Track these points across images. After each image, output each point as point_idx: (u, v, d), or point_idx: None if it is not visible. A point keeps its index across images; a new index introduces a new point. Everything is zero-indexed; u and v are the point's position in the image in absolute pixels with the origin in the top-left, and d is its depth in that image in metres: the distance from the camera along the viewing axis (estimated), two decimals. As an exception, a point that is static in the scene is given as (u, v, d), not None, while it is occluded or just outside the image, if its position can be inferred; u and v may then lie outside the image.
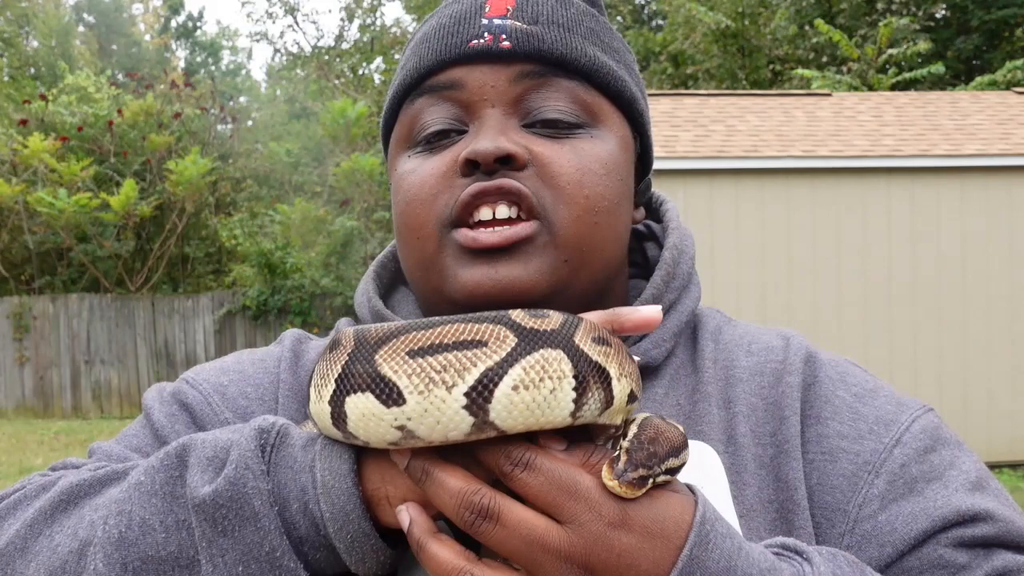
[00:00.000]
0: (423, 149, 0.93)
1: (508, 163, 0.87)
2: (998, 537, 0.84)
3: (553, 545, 0.64)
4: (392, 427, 0.65)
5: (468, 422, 0.64)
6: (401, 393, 0.64)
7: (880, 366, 9.33)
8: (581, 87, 0.92)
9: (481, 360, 0.65)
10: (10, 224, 15.43)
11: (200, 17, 45.07)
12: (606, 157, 0.91)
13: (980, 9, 17.92)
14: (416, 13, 24.72)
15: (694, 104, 11.43)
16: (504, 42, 0.90)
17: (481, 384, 0.64)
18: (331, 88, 23.82)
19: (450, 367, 0.65)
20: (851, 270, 9.63)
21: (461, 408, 0.64)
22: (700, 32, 18.68)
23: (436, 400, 0.64)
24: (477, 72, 0.90)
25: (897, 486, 0.86)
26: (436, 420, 0.64)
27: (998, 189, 9.73)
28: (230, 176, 17.84)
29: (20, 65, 25.42)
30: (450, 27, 0.93)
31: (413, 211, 0.91)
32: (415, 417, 0.64)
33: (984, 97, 12.08)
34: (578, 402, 0.66)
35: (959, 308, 9.67)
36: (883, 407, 0.92)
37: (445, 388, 0.64)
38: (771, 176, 9.69)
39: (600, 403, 0.68)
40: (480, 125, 0.90)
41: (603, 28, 0.98)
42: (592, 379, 0.67)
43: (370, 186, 15.30)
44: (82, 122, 16.22)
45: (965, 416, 9.41)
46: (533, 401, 0.64)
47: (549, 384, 0.65)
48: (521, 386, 0.64)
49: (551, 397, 0.65)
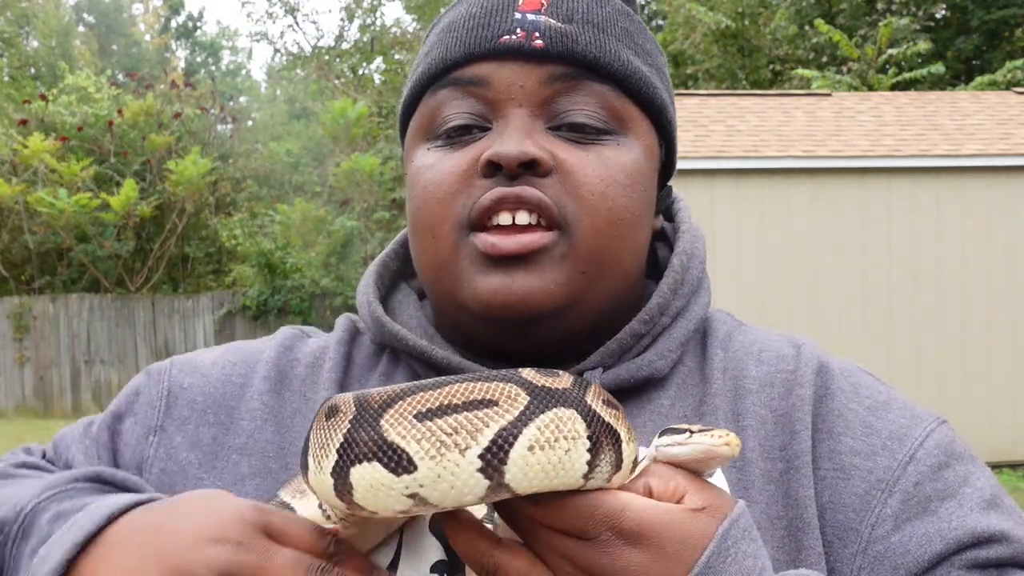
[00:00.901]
0: (443, 143, 0.89)
1: (532, 168, 0.84)
2: (1013, 558, 0.83)
3: (586, 564, 0.66)
4: (403, 495, 0.62)
5: (483, 485, 0.61)
6: (411, 459, 0.61)
7: (880, 366, 9.32)
8: (612, 92, 0.89)
9: (494, 420, 0.62)
10: (10, 224, 15.43)
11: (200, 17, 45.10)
12: (631, 167, 0.89)
13: (980, 9, 17.92)
14: (416, 13, 24.72)
15: (694, 104, 11.42)
16: (537, 40, 0.86)
17: (496, 445, 0.62)
18: (331, 88, 23.82)
19: (462, 429, 0.62)
20: (851, 270, 9.63)
21: (476, 471, 0.61)
22: (700, 32, 18.68)
23: (450, 464, 0.61)
24: (506, 69, 0.87)
25: (911, 505, 0.84)
26: (450, 485, 0.61)
27: (998, 189, 9.73)
28: (230, 176, 17.84)
29: (20, 65, 25.42)
30: (481, 18, 0.89)
31: (430, 209, 0.88)
32: (428, 483, 0.61)
33: (984, 97, 12.08)
34: (591, 464, 0.64)
35: (959, 308, 9.67)
36: (896, 420, 0.90)
37: (458, 451, 0.61)
38: (771, 176, 9.70)
39: (611, 466, 0.66)
40: (505, 125, 0.86)
41: (637, 28, 0.94)
42: (605, 440, 0.65)
43: (370, 186, 15.31)
44: (82, 122, 16.22)
45: (965, 416, 9.41)
46: (548, 462, 0.62)
47: (564, 444, 0.63)
48: (537, 446, 0.62)
49: (566, 458, 0.63)
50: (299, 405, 0.96)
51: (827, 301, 9.54)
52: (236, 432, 0.95)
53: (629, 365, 0.92)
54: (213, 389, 0.98)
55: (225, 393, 0.97)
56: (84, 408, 14.83)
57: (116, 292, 15.55)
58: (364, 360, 1.00)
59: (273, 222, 16.07)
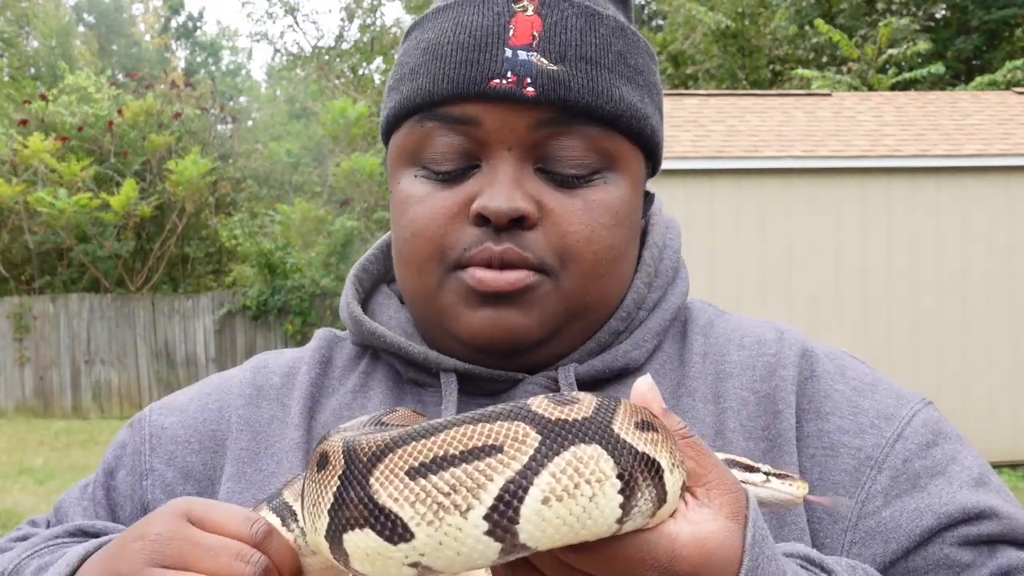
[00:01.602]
0: (432, 177, 0.90)
1: (519, 223, 0.86)
2: (1002, 535, 0.84)
3: None
4: (405, 565, 0.55)
5: (495, 549, 0.54)
6: (407, 526, 0.54)
7: (880, 366, 9.27)
8: (603, 133, 0.88)
9: (498, 472, 0.54)
10: (10, 224, 15.43)
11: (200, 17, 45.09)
12: (616, 205, 0.90)
13: (980, 9, 17.91)
14: (416, 13, 24.71)
15: (694, 104, 11.43)
16: (528, 88, 0.85)
17: (503, 503, 0.53)
18: (331, 88, 23.82)
19: (461, 486, 0.54)
20: (851, 270, 9.63)
21: (483, 535, 0.53)
22: (700, 32, 18.68)
23: (451, 530, 0.53)
24: (497, 112, 0.86)
25: (900, 482, 0.86)
26: (455, 552, 0.54)
27: (998, 189, 9.73)
28: (230, 176, 17.84)
29: (20, 65, 25.42)
30: (470, 51, 0.87)
31: (418, 244, 0.90)
32: (429, 552, 0.54)
33: (984, 97, 12.08)
34: (626, 506, 0.55)
35: (959, 308, 9.67)
36: (883, 400, 0.91)
37: (459, 514, 0.53)
38: (771, 176, 9.70)
39: (652, 503, 0.57)
40: (495, 172, 0.87)
41: (630, 46, 0.93)
42: (641, 475, 0.56)
43: (370, 186, 15.31)
44: (82, 122, 16.22)
45: (965, 416, 9.41)
46: (570, 514, 0.54)
47: (587, 490, 0.54)
48: (553, 497, 0.54)
49: (591, 506, 0.54)
50: (276, 411, 0.99)
51: (827, 301, 9.54)
52: (223, 452, 0.99)
53: (604, 356, 0.94)
54: (193, 420, 1.01)
55: (206, 420, 1.01)
56: (84, 408, 14.83)
57: (116, 292, 15.56)
58: (345, 362, 1.03)
59: (273, 222, 16.07)
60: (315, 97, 24.44)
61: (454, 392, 0.93)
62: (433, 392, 0.96)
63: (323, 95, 23.54)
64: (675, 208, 9.36)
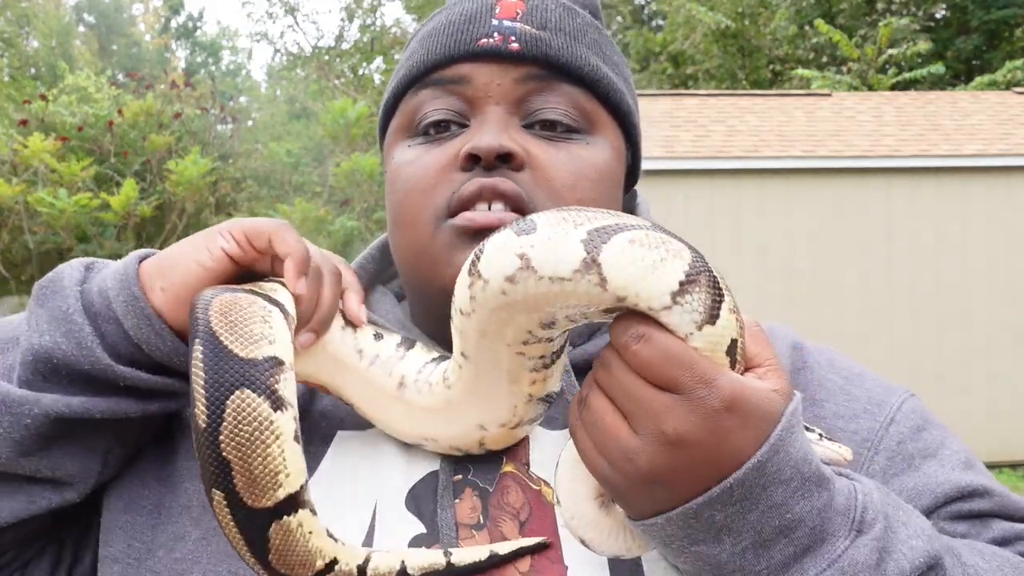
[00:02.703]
0: (423, 140, 0.95)
1: (507, 161, 0.90)
2: (993, 510, 0.89)
3: (668, 417, 0.66)
4: (515, 255, 0.67)
5: (580, 255, 0.65)
6: (536, 225, 0.67)
7: (879, 365, 9.31)
8: (582, 94, 0.95)
9: (612, 220, 0.67)
10: (10, 224, 15.42)
11: (200, 17, 45.07)
12: (600, 164, 0.95)
13: (980, 9, 17.92)
14: (416, 13, 24.72)
15: (694, 104, 11.43)
16: (513, 44, 0.93)
17: (605, 230, 0.66)
18: (331, 88, 23.82)
19: (588, 218, 0.67)
20: (851, 270, 9.63)
21: (579, 242, 0.65)
22: (700, 32, 18.69)
23: (561, 231, 0.66)
24: (484, 69, 0.93)
25: (896, 462, 0.90)
26: (554, 248, 0.66)
27: (998, 189, 9.74)
28: (230, 176, 17.83)
29: (20, 65, 25.42)
30: (460, 24, 0.95)
31: (411, 200, 0.93)
32: (538, 244, 0.66)
33: (984, 97, 12.08)
34: (681, 290, 0.65)
35: (959, 308, 9.67)
36: (873, 389, 0.97)
37: (573, 225, 0.66)
38: (771, 176, 9.70)
39: (702, 310, 0.66)
40: (483, 120, 0.92)
41: (605, 41, 1.01)
42: (704, 282, 0.66)
43: (370, 186, 15.30)
44: (82, 122, 16.21)
45: (965, 415, 9.41)
46: (641, 259, 0.65)
47: (661, 252, 0.65)
48: (637, 242, 0.65)
49: (659, 264, 0.65)
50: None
51: (826, 301, 9.54)
52: None
53: (598, 340, 0.96)
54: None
55: None
56: (84, 408, 14.79)
57: (116, 292, 15.53)
58: None
59: (273, 222, 16.06)
60: (315, 97, 24.43)
61: None
62: None
63: (323, 95, 23.54)
64: (675, 208, 9.37)
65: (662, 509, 0.69)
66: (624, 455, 0.68)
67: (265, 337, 0.74)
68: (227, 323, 0.73)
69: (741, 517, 0.68)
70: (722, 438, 0.66)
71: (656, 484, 0.68)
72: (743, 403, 0.66)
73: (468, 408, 0.83)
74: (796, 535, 0.69)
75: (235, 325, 0.73)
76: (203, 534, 0.87)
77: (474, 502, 0.86)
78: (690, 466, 0.67)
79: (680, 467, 0.67)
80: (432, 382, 0.85)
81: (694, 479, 0.67)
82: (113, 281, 0.84)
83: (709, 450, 0.66)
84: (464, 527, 0.85)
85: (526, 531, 0.84)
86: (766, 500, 0.68)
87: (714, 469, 0.67)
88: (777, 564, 0.69)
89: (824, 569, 0.69)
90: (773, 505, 0.68)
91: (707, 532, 0.68)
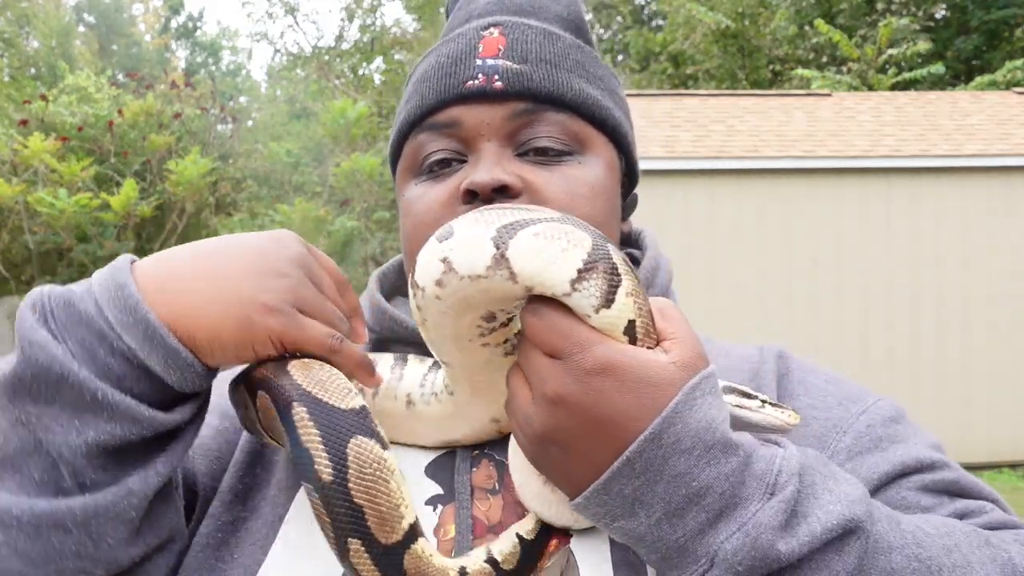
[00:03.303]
0: (427, 177, 1.01)
1: (504, 192, 0.95)
2: (957, 483, 0.92)
3: (549, 378, 0.72)
4: (439, 260, 0.73)
5: (491, 253, 0.71)
6: (454, 230, 0.74)
7: (879, 366, 9.33)
8: (569, 118, 1.00)
9: (523, 215, 0.73)
10: (10, 224, 15.43)
11: (200, 17, 45.08)
12: (593, 181, 1.00)
13: (980, 9, 17.92)
14: (416, 13, 24.72)
15: (694, 104, 11.43)
16: (497, 82, 0.98)
17: (515, 225, 0.72)
18: (331, 88, 23.82)
19: (500, 216, 0.73)
20: (850, 270, 9.63)
21: (489, 239, 0.71)
22: (700, 32, 18.69)
23: (475, 232, 0.72)
24: (474, 111, 0.99)
25: (863, 442, 0.94)
26: (468, 248, 0.72)
27: (998, 189, 9.74)
28: (230, 176, 17.83)
29: (20, 65, 25.42)
30: (447, 67, 1.01)
31: (418, 232, 0.98)
32: (456, 247, 0.73)
33: (984, 97, 12.08)
34: (577, 280, 0.71)
35: (959, 308, 9.67)
36: (851, 389, 1.02)
37: (486, 225, 0.73)
38: (771, 176, 9.70)
39: (599, 295, 0.71)
40: (478, 158, 0.98)
41: (588, 58, 1.05)
42: (601, 268, 0.72)
43: (370, 186, 15.31)
44: (82, 122, 16.21)
45: (964, 415, 9.42)
46: (543, 251, 0.70)
47: (563, 244, 0.71)
48: (541, 235, 0.71)
49: (560, 255, 0.70)
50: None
51: (826, 301, 9.54)
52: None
53: None
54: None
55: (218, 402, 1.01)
56: (84, 408, 14.78)
57: (116, 292, 15.52)
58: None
59: (273, 222, 16.06)
60: (315, 97, 24.43)
61: None
62: None
63: (323, 95, 23.54)
64: (675, 208, 9.37)
65: (575, 485, 0.74)
66: (525, 419, 0.75)
67: (351, 389, 0.79)
68: (314, 383, 0.78)
69: (649, 489, 0.71)
70: (597, 398, 0.71)
71: (552, 445, 0.74)
72: (617, 367, 0.71)
73: (476, 406, 0.88)
74: (706, 502, 0.71)
75: (323, 383, 0.78)
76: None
77: (490, 471, 0.92)
78: (575, 427, 0.72)
79: (564, 426, 0.72)
80: (437, 391, 0.90)
81: (586, 442, 0.72)
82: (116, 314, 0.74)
83: (587, 409, 0.71)
84: (480, 490, 0.90)
85: None
86: (669, 470, 0.71)
87: (599, 433, 0.72)
88: (692, 531, 0.72)
89: (734, 532, 0.71)
90: (677, 474, 0.71)
91: (622, 507, 0.73)
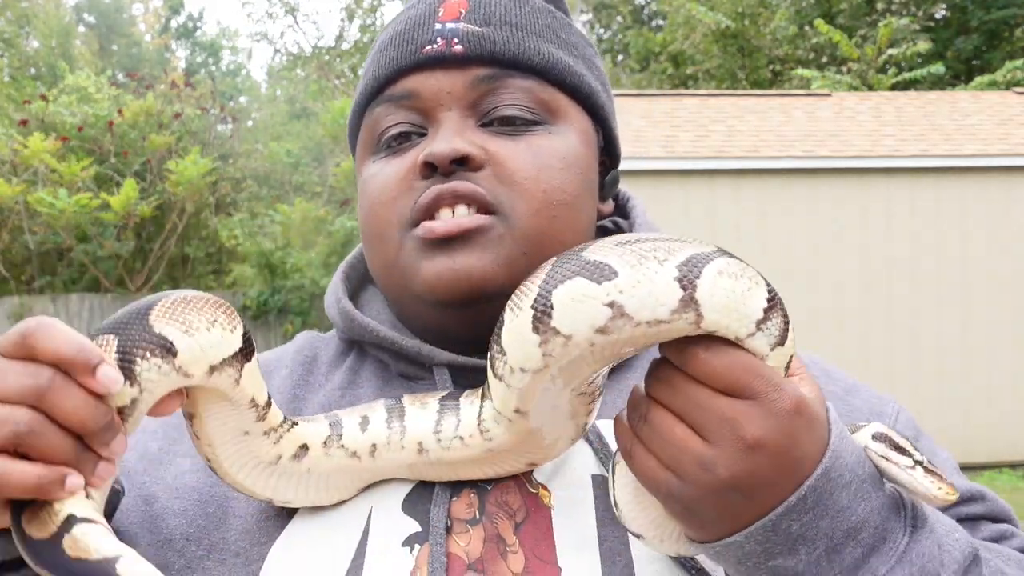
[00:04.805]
0: (385, 153, 0.94)
1: (464, 164, 0.89)
2: (985, 514, 0.93)
3: (745, 422, 0.66)
4: (603, 304, 0.64)
5: (677, 296, 0.64)
6: (614, 268, 0.65)
7: (879, 365, 9.33)
8: (537, 84, 0.93)
9: (687, 249, 0.66)
10: (10, 224, 15.42)
11: (200, 17, 45.07)
12: (564, 151, 0.92)
13: (980, 9, 17.91)
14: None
15: (694, 104, 11.43)
16: (456, 46, 0.91)
17: (691, 261, 0.65)
18: (331, 88, 23.82)
19: (659, 249, 0.66)
20: (850, 270, 9.63)
21: (673, 279, 0.64)
22: (700, 32, 18.68)
23: (648, 271, 0.64)
24: (432, 79, 0.91)
25: None
26: (648, 291, 0.64)
27: (998, 189, 9.73)
28: (230, 176, 17.83)
29: (20, 65, 25.41)
30: (405, 33, 0.94)
31: (376, 214, 0.93)
32: (627, 289, 0.64)
33: (984, 97, 12.08)
34: (763, 318, 0.67)
35: (959, 308, 9.67)
36: (869, 400, 1.00)
37: (657, 262, 0.65)
38: (771, 176, 9.70)
39: (778, 332, 0.68)
40: (437, 128, 0.91)
41: (559, 23, 0.98)
42: (779, 305, 0.69)
43: (370, 186, 15.29)
44: (82, 122, 16.21)
45: (965, 416, 9.41)
46: (733, 291, 0.65)
47: (747, 283, 0.66)
48: (726, 273, 0.66)
49: (747, 294, 0.66)
50: None
51: (826, 301, 9.54)
52: (183, 442, 0.97)
53: None
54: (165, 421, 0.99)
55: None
56: (84, 408, 14.80)
57: (116, 292, 15.54)
58: (330, 359, 1.04)
59: (273, 222, 16.06)
60: (315, 97, 24.41)
61: (448, 386, 0.93)
62: (424, 385, 0.96)
63: (323, 95, 23.53)
64: (675, 208, 9.36)
65: (737, 524, 0.69)
66: (701, 465, 0.67)
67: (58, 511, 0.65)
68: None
69: (814, 524, 0.68)
70: (794, 441, 0.67)
71: (735, 492, 0.67)
72: (807, 406, 0.68)
73: (515, 451, 0.82)
74: (862, 536, 0.70)
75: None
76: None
77: (471, 499, 0.86)
78: (768, 471, 0.67)
79: (759, 472, 0.67)
80: (464, 436, 0.81)
81: (771, 486, 0.68)
82: None
83: (784, 453, 0.67)
84: (459, 522, 0.84)
85: (521, 532, 0.84)
86: (834, 505, 0.69)
87: (788, 475, 0.68)
88: (848, 567, 0.70)
89: (894, 566, 0.70)
90: (840, 509, 0.69)
91: (784, 544, 0.69)
